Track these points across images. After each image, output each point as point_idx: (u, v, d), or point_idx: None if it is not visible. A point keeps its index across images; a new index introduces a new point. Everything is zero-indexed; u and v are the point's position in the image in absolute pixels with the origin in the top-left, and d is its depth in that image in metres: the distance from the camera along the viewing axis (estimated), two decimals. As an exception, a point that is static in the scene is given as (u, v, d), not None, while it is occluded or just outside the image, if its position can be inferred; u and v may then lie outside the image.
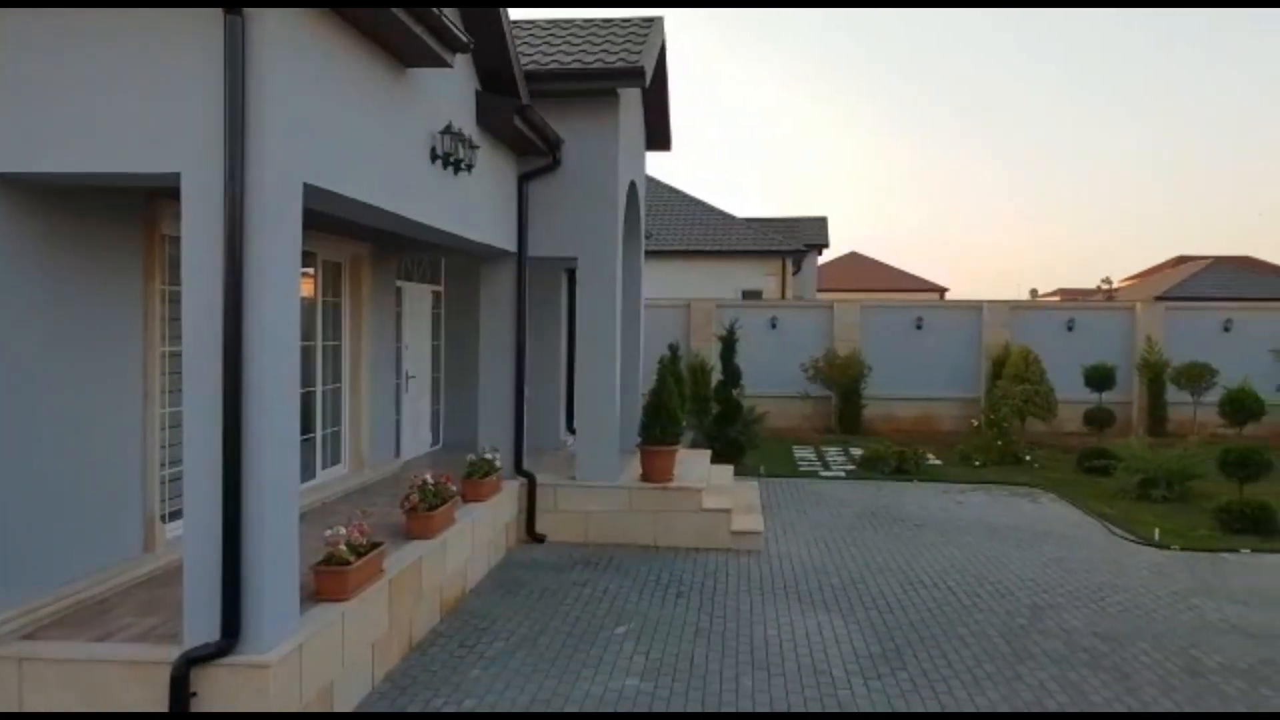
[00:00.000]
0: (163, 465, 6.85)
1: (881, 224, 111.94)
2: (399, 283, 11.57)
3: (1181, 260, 41.54)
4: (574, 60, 10.45)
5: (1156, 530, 11.19)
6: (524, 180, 10.44)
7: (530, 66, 10.16)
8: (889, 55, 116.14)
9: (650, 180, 28.93)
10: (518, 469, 10.50)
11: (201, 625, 5.10)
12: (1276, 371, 19.10)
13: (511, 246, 10.41)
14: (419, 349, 12.44)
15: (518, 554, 10.01)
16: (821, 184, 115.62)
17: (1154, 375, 19.87)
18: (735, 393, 15.78)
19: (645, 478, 10.74)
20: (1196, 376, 18.96)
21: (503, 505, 9.89)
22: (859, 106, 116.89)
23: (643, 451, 10.83)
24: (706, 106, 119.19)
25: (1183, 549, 10.60)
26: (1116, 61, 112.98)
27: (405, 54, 6.85)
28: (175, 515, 6.92)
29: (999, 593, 8.86)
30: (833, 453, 17.44)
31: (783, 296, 25.33)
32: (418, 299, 12.37)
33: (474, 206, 9.06)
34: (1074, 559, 10.12)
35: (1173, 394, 19.60)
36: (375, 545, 6.68)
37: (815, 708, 6.25)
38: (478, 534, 8.96)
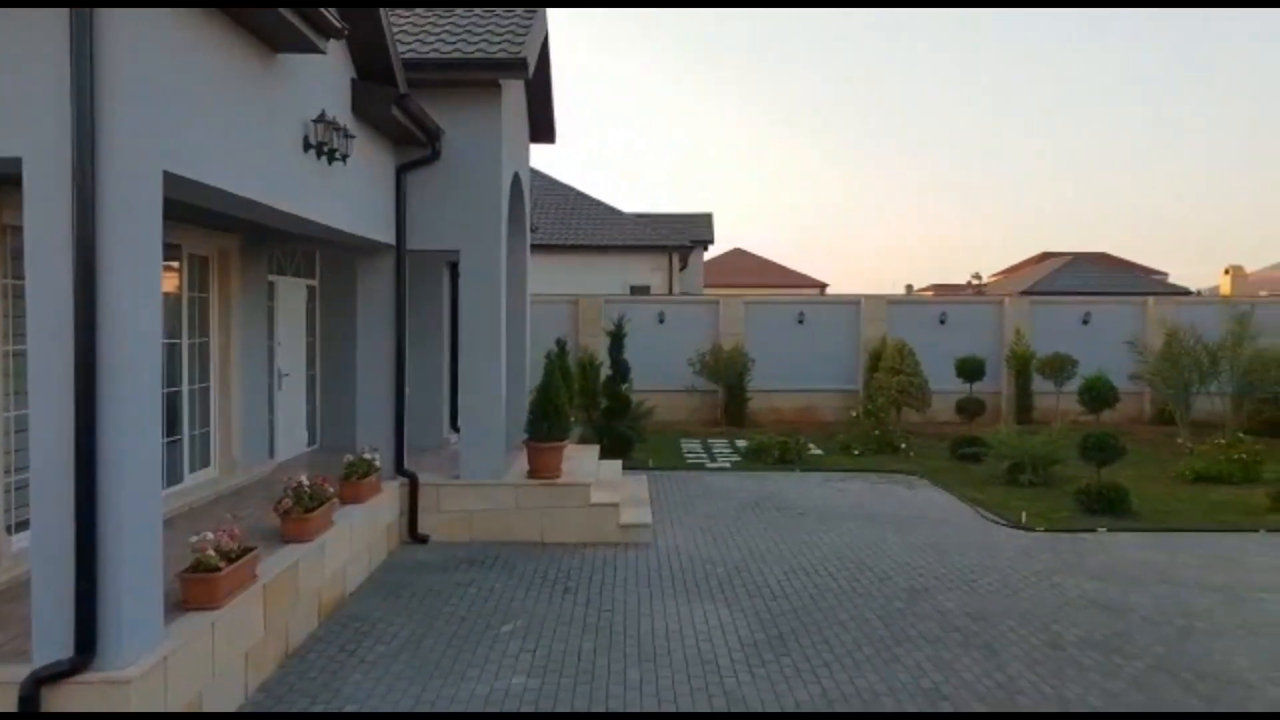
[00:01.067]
0: (8, 472, 6.40)
1: (765, 221, 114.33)
2: (271, 277, 11.14)
3: (1046, 256, 43.78)
4: (454, 50, 10.25)
5: (1023, 513, 11.74)
6: (403, 171, 10.19)
7: (409, 55, 9.92)
8: (772, 54, 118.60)
9: (537, 174, 28.77)
10: (399, 469, 10.25)
11: (52, 641, 4.79)
12: (1130, 361, 20.30)
13: (390, 239, 10.15)
14: (293, 346, 12.01)
15: (400, 556, 9.78)
16: (707, 181, 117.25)
17: (1021, 366, 20.86)
18: (623, 387, 15.84)
19: (532, 474, 10.65)
20: (1059, 367, 19.97)
21: (383, 506, 9.64)
22: (744, 105, 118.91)
23: (530, 448, 10.74)
24: (593, 103, 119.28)
25: (1047, 530, 11.14)
26: (986, 63, 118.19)
27: (275, 39, 6.58)
28: (25, 525, 6.48)
29: (877, 577, 9.14)
30: (719, 445, 17.69)
31: (670, 292, 25.56)
32: (291, 294, 11.94)
33: (350, 198, 8.79)
34: (948, 542, 10.53)
35: (1038, 383, 20.62)
36: (248, 550, 6.42)
37: (702, 697, 6.31)
38: (357, 536, 8.71)
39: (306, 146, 7.58)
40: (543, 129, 13.83)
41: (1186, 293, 31.68)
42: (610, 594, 8.57)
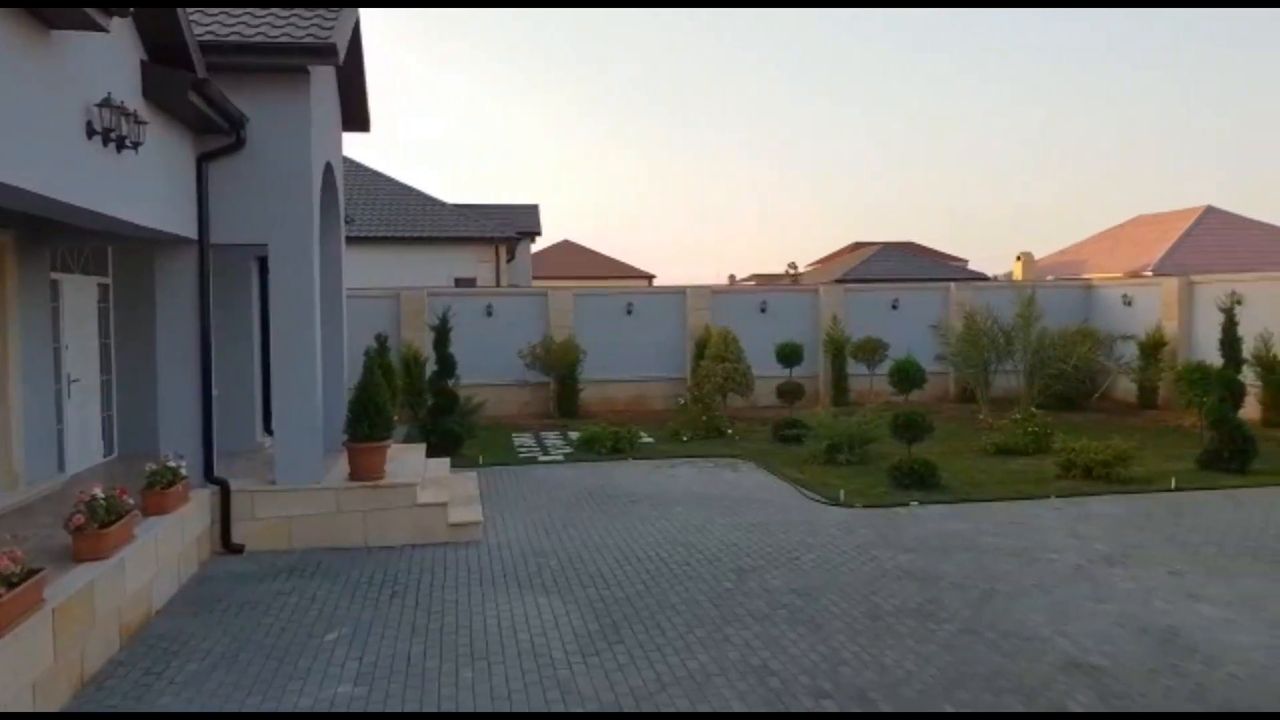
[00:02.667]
0: None
1: (593, 214, 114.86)
2: (54, 275, 10.20)
3: (858, 246, 46.09)
4: (258, 33, 9.68)
5: (842, 491, 12.29)
6: (204, 160, 9.55)
7: (207, 38, 9.29)
8: (595, 48, 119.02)
9: (356, 165, 27.76)
10: (208, 476, 9.63)
11: None
12: (935, 344, 21.63)
13: (191, 233, 9.49)
14: (84, 349, 11.06)
15: (214, 567, 9.20)
16: (533, 174, 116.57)
17: (837, 351, 21.84)
18: (450, 383, 15.50)
19: (354, 476, 10.25)
20: (871, 350, 21.03)
21: (192, 516, 9.03)
22: (568, 99, 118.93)
23: (350, 449, 10.32)
24: (415, 93, 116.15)
25: (864, 506, 11.71)
26: (800, 61, 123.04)
27: (50, 15, 5.98)
28: None
29: (707, 559, 9.33)
30: (551, 437, 17.63)
31: (498, 284, 25.22)
32: (79, 293, 10.98)
33: (144, 188, 8.14)
34: (773, 522, 10.88)
35: (853, 367, 21.64)
36: (33, 572, 5.84)
37: (535, 690, 6.25)
38: (163, 549, 8.11)
39: (91, 133, 6.96)
40: (356, 117, 13.31)
41: (984, 278, 34.07)
42: (440, 594, 8.36)
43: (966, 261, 44.82)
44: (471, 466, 14.20)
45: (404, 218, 26.16)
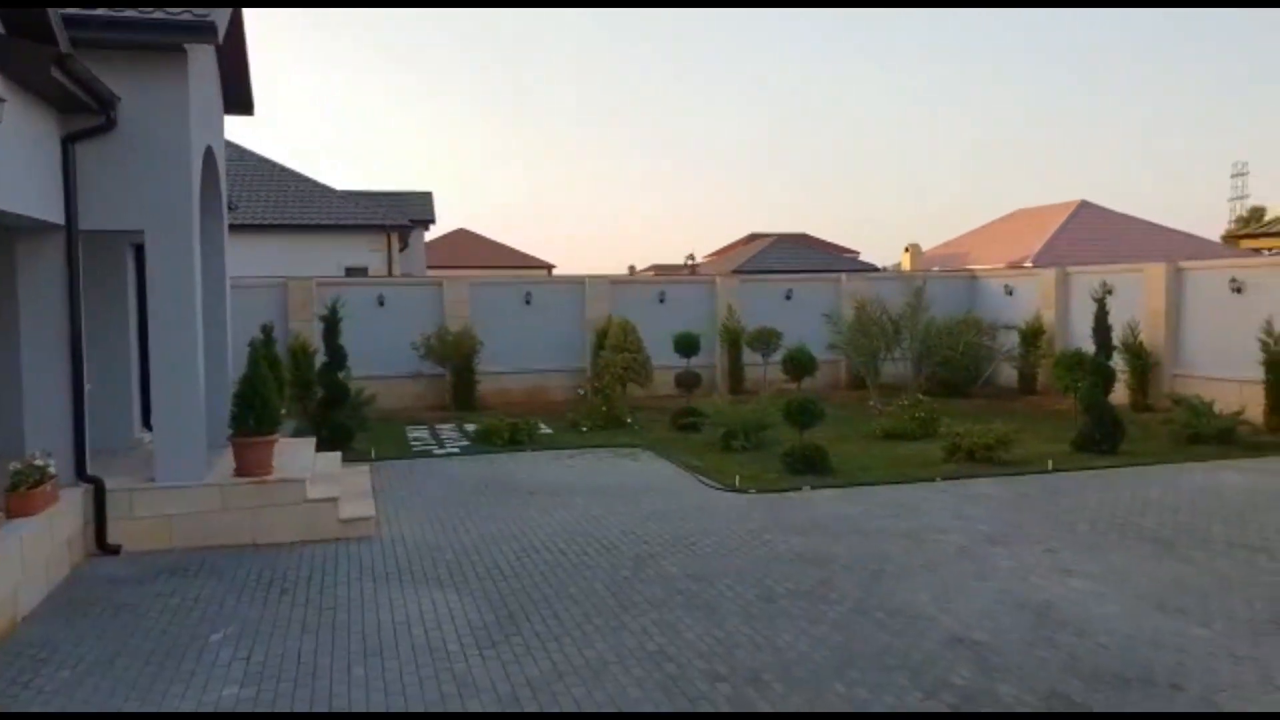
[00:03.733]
0: None
1: (490, 202, 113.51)
2: (-95, 262, 9.51)
3: (753, 238, 46.83)
4: (131, 8, 9.17)
5: (737, 477, 12.47)
6: (70, 142, 9.00)
7: (73, 11, 8.76)
8: (493, 37, 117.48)
9: (238, 149, 26.71)
10: (80, 474, 9.14)
11: None
12: (827, 333, 22.13)
13: (58, 218, 8.96)
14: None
15: (88, 570, 8.75)
16: (428, 162, 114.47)
17: (733, 340, 22.14)
18: (341, 375, 15.09)
19: (240, 472, 9.88)
20: (766, 340, 21.39)
21: (63, 517, 8.55)
22: (465, 87, 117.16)
23: (235, 444, 9.95)
24: (304, 78, 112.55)
25: (758, 491, 11.90)
26: (698, 57, 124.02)
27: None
28: None
29: (605, 548, 9.35)
30: (447, 430, 17.36)
31: (390, 273, 24.67)
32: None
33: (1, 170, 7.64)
34: (670, 510, 10.97)
35: (748, 356, 21.96)
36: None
37: (431, 685, 6.15)
38: (30, 553, 7.67)
39: (-62, 107, 6.49)
40: (239, 99, 12.79)
41: (874, 269, 35.06)
42: (332, 591, 8.15)
43: (858, 253, 46.10)
44: (364, 461, 13.87)
45: (291, 205, 25.33)
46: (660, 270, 49.94)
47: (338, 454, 12.95)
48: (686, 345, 19.64)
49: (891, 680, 6.12)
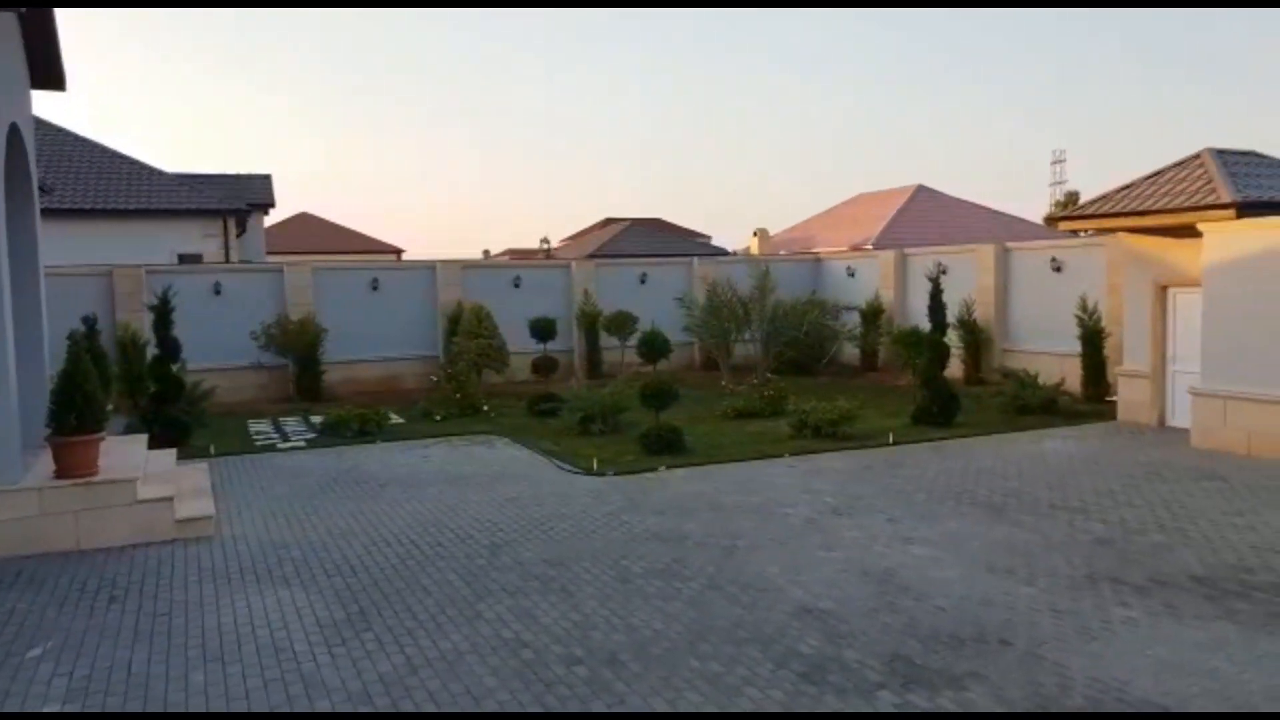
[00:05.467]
0: None
1: (334, 186, 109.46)
2: None
3: (608, 222, 46.95)
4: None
5: (595, 460, 12.50)
6: None
7: None
8: (338, 20, 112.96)
9: (52, 128, 24.72)
10: None
11: None
12: (681, 316, 22.44)
13: None
14: None
15: (-119, 589, 7.94)
16: (267, 145, 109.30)
17: (590, 324, 22.17)
18: (175, 368, 14.23)
19: (61, 474, 9.17)
20: (622, 324, 21.54)
21: None
22: (307, 66, 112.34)
23: (55, 444, 9.22)
24: (129, 55, 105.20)
25: (616, 473, 11.96)
26: (553, 43, 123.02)
27: None
28: None
29: (460, 538, 9.18)
30: (292, 423, 16.66)
31: (227, 260, 23.40)
32: None
33: None
34: (526, 496, 10.88)
35: (605, 340, 22.06)
36: None
37: (276, 687, 5.88)
38: None
39: None
40: (48, 73, 11.79)
41: (724, 253, 35.80)
42: (168, 595, 7.68)
43: (710, 237, 46.96)
44: (202, 457, 13.15)
45: (115, 188, 23.63)
46: (515, 255, 49.49)
47: (173, 451, 12.20)
48: (543, 330, 19.56)
49: (744, 652, 6.26)
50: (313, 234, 43.10)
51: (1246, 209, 12.61)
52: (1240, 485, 10.74)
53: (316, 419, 16.51)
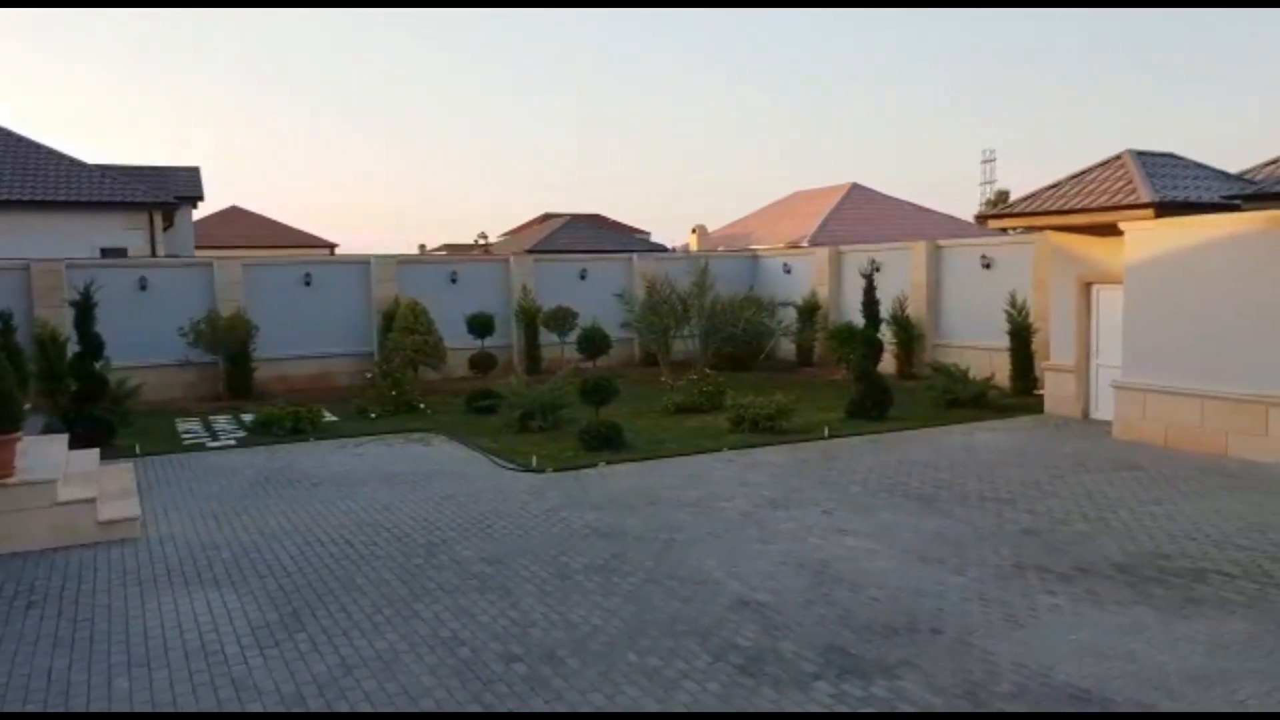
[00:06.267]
0: None
1: (266, 180, 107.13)
2: None
3: (547, 218, 46.69)
4: None
5: (534, 457, 12.44)
6: None
7: None
8: (270, 12, 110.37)
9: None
10: None
11: None
12: (621, 312, 22.45)
13: None
14: None
15: None
16: (197, 137, 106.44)
17: (529, 320, 22.05)
18: (98, 366, 13.78)
19: (-25, 475, 8.82)
20: (561, 319, 21.47)
21: None
22: (239, 60, 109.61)
23: (-32, 444, 8.87)
24: (52, 43, 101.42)
25: (555, 470, 11.92)
26: (492, 38, 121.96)
27: None
28: None
29: (396, 537, 9.06)
30: (222, 421, 16.26)
31: (153, 254, 22.71)
32: None
33: None
34: (464, 494, 10.78)
35: (544, 336, 21.96)
36: None
37: (206, 691, 5.75)
38: None
39: None
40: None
41: (663, 249, 35.88)
42: (90, 600, 7.45)
43: (649, 234, 47.01)
44: (127, 457, 12.77)
45: (32, 179, 22.75)
46: (452, 250, 48.99)
47: (95, 451, 11.82)
48: (481, 326, 19.37)
49: (682, 645, 6.30)
50: (244, 228, 42.07)
51: (1165, 209, 13.05)
52: (1158, 475, 11.13)
53: (247, 417, 16.14)
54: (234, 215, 43.89)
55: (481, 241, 43.43)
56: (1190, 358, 12.67)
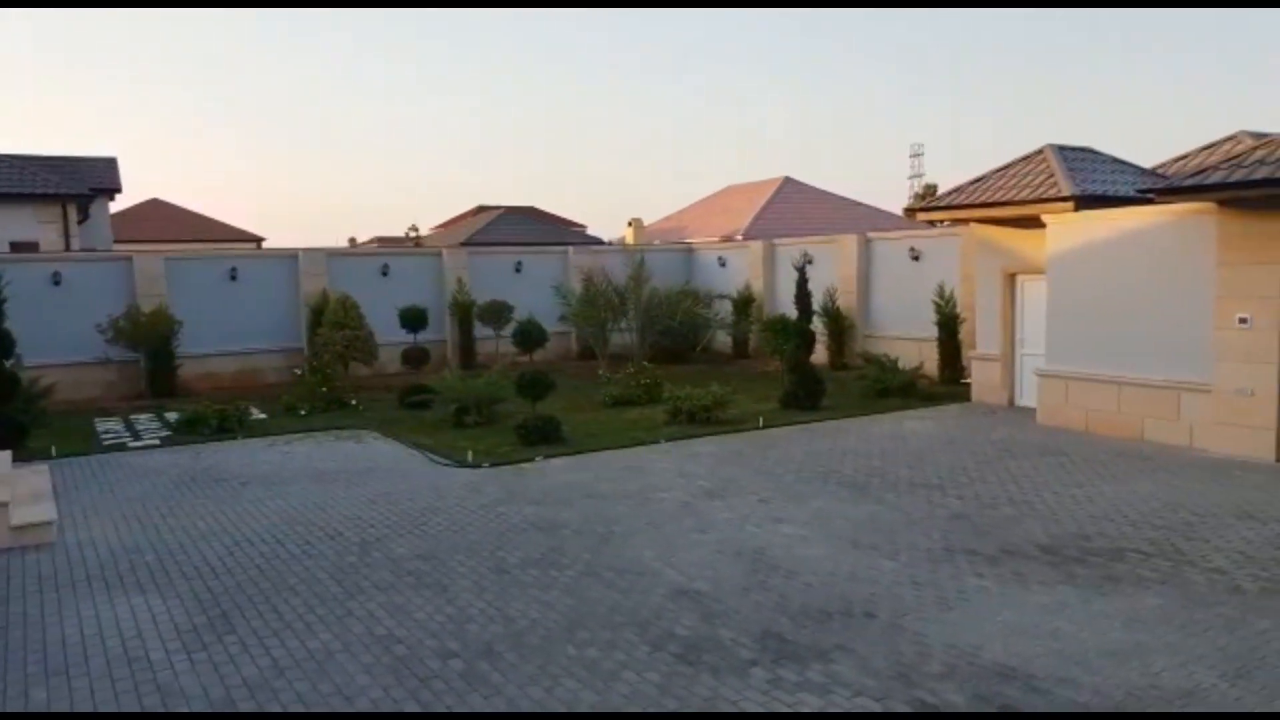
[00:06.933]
0: None
1: (188, 170, 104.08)
2: None
3: (481, 210, 46.22)
4: None
5: (470, 452, 12.32)
6: None
7: None
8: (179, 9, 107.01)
9: None
10: None
11: None
12: (557, 305, 22.33)
13: None
14: None
15: None
16: (110, 125, 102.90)
17: (463, 314, 21.80)
18: (9, 364, 13.25)
19: (-122, 480, 8.42)
20: (496, 313, 21.25)
21: None
22: (161, 49, 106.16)
23: None
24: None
25: (492, 465, 11.82)
26: (419, 28, 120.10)
27: None
28: None
29: (328, 535, 8.90)
30: (144, 420, 15.77)
31: (67, 248, 21.88)
32: None
33: None
34: (398, 491, 10.63)
35: (479, 330, 21.73)
36: None
37: (129, 699, 5.57)
38: None
39: None
40: None
41: (600, 243, 35.81)
42: (4, 609, 7.16)
43: (585, 227, 46.81)
44: (42, 459, 12.32)
45: (-63, 170, 21.74)
46: (383, 242, 48.19)
47: (7, 454, 11.33)
48: (414, 320, 19.11)
49: (620, 637, 6.30)
50: (165, 221, 40.76)
51: (1084, 202, 13.45)
52: (1080, 459, 11.49)
53: (172, 416, 15.68)
54: (155, 208, 42.52)
55: (413, 234, 42.79)
56: (1108, 346, 13.10)
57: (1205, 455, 11.60)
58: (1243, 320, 11.42)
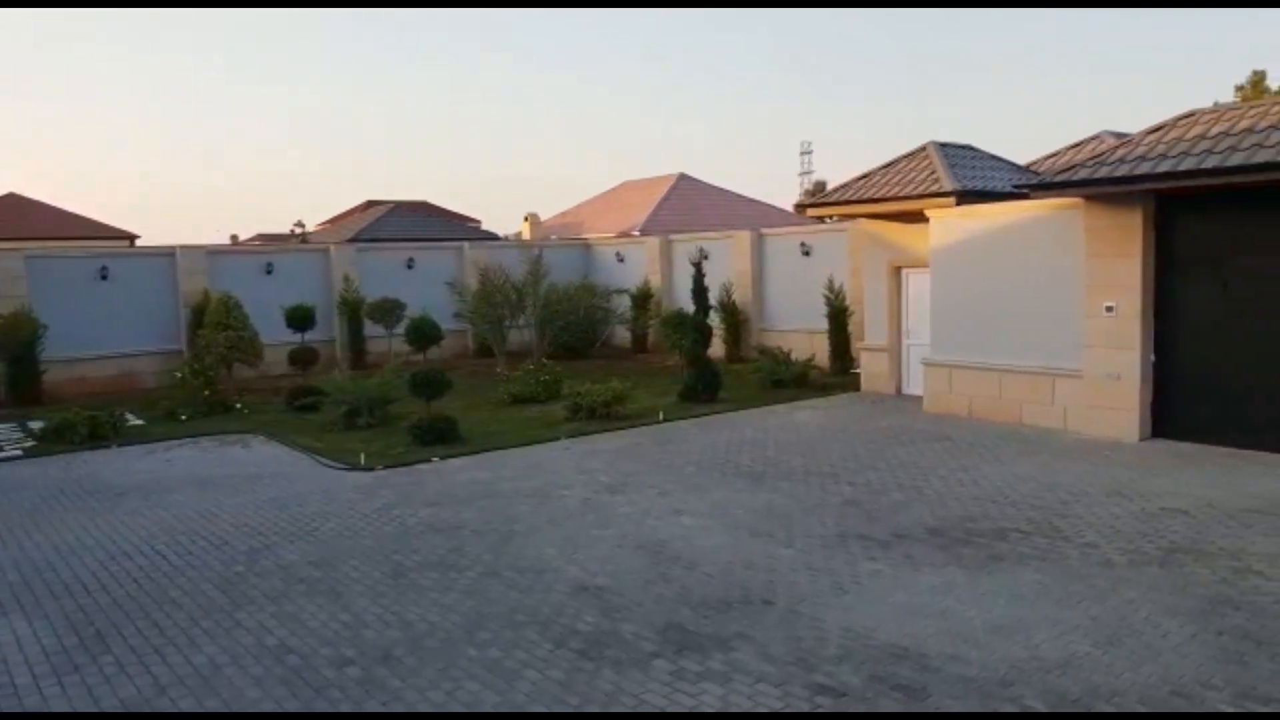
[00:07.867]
0: None
1: (52, 163, 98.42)
2: None
3: (370, 205, 45.07)
4: None
5: (362, 454, 12.00)
6: None
7: None
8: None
9: None
10: None
11: None
12: (452, 302, 21.95)
13: None
14: None
15: None
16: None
17: (352, 312, 21.24)
18: None
19: None
20: (388, 310, 20.75)
21: None
22: (17, 33, 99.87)
23: None
24: None
25: (386, 467, 11.55)
26: (305, 22, 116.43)
27: None
28: None
29: (213, 544, 8.54)
30: (5, 430, 14.82)
31: (-82, 248, 20.43)
32: None
33: None
34: (288, 496, 10.28)
35: (370, 328, 21.20)
36: None
37: (-5, 729, 5.22)
38: None
39: None
40: None
41: (496, 238, 35.38)
42: None
43: (480, 222, 46.22)
44: (-106, 474, 11.46)
45: None
46: (267, 239, 46.59)
47: None
48: (300, 319, 18.49)
49: (522, 636, 6.24)
50: (26, 217, 38.34)
51: (964, 197, 13.97)
52: (964, 444, 11.94)
53: (37, 424, 14.77)
54: (13, 203, 40.00)
55: (299, 231, 41.44)
56: (989, 335, 13.64)
57: (1078, 437, 12.20)
58: (1109, 309, 12.06)
